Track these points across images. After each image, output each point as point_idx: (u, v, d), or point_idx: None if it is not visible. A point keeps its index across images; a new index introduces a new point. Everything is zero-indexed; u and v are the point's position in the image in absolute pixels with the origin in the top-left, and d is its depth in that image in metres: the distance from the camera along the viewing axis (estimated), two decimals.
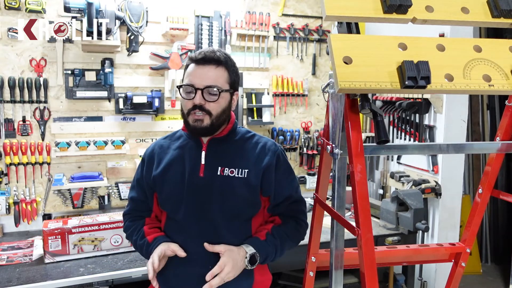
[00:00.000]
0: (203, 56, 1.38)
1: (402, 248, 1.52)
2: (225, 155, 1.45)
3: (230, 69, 1.43)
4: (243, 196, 1.42)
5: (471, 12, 1.11)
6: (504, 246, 4.13)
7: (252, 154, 1.46)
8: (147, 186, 1.51)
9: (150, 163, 1.52)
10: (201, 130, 1.40)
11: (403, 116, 3.09)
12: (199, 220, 1.43)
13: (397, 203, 2.67)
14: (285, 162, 1.52)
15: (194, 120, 1.39)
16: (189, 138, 1.49)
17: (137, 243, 1.51)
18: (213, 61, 1.38)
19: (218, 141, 1.46)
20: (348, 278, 2.81)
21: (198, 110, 1.37)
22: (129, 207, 1.59)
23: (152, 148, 1.55)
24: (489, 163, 1.40)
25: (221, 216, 1.42)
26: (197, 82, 1.37)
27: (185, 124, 1.45)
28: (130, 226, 1.56)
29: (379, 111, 1.07)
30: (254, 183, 1.43)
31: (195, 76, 1.38)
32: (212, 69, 1.38)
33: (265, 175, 1.44)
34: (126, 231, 1.59)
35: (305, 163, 3.32)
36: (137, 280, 2.13)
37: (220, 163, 1.44)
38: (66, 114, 2.70)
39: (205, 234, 1.42)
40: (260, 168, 1.44)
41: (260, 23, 3.10)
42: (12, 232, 2.61)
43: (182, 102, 1.42)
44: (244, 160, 1.45)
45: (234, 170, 1.43)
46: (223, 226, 1.42)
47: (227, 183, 1.42)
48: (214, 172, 1.43)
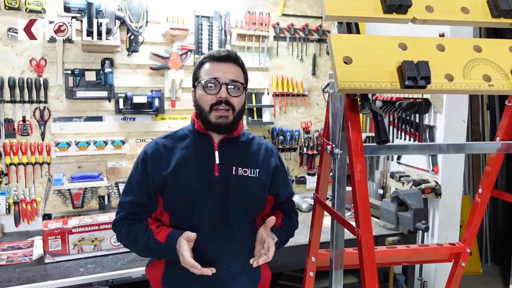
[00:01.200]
0: (227, 54, 1.42)
1: (402, 248, 1.51)
2: (237, 155, 1.47)
3: (244, 68, 1.48)
4: (255, 195, 1.47)
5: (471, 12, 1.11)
6: (504, 246, 4.13)
7: (259, 155, 1.51)
8: (153, 186, 1.43)
9: (155, 162, 1.44)
10: (226, 126, 1.41)
11: (403, 116, 3.09)
12: (213, 219, 1.42)
13: (397, 203, 2.67)
14: (283, 162, 1.62)
15: (218, 116, 1.39)
16: (199, 138, 1.47)
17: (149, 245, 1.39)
18: (234, 59, 1.43)
19: (229, 141, 1.48)
20: (348, 278, 2.81)
21: (223, 105, 1.38)
22: (124, 212, 1.46)
23: (154, 147, 1.47)
24: (489, 163, 1.40)
25: (236, 215, 1.44)
26: (221, 76, 1.39)
27: (204, 122, 1.43)
28: (130, 230, 1.43)
29: (379, 111, 1.07)
30: (265, 183, 1.49)
31: (217, 71, 1.40)
32: (233, 66, 1.43)
33: (274, 175, 1.52)
34: (125, 237, 1.45)
35: (305, 163, 3.32)
36: (137, 280, 2.13)
37: (233, 162, 1.46)
38: (66, 114, 2.70)
39: (220, 233, 1.42)
40: (270, 169, 1.51)
41: (260, 23, 3.10)
42: (12, 232, 2.61)
43: (202, 99, 1.40)
44: (254, 160, 1.49)
45: (247, 169, 1.46)
46: (236, 224, 1.44)
47: (242, 182, 1.45)
48: (229, 171, 1.44)
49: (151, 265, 1.53)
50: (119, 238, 1.48)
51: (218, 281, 1.42)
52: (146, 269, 1.55)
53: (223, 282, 1.43)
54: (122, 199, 1.48)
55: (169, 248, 1.37)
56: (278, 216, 1.54)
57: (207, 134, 1.47)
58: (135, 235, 1.42)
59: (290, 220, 1.58)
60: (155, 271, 1.49)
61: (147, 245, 1.40)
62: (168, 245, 1.37)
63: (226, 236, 1.43)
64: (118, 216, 1.47)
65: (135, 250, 1.47)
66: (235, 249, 1.43)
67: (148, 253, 1.43)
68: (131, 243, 1.45)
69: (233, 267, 1.44)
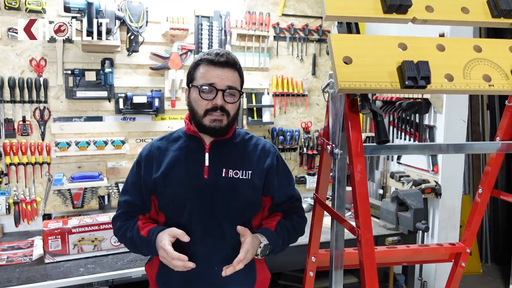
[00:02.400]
0: (225, 60, 1.39)
1: (402, 248, 1.52)
2: (228, 157, 1.46)
3: (241, 72, 1.46)
4: (247, 197, 1.45)
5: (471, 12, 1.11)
6: (504, 246, 4.13)
7: (254, 156, 1.49)
8: (146, 189, 1.46)
9: (148, 165, 1.47)
10: (220, 130, 1.40)
11: (403, 116, 3.09)
12: (204, 222, 1.42)
13: (397, 203, 2.67)
14: (283, 162, 1.58)
15: (212, 120, 1.38)
16: (190, 140, 1.48)
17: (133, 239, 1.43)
18: (231, 64, 1.40)
19: (220, 143, 1.46)
20: (348, 278, 2.80)
21: (218, 111, 1.37)
22: (120, 210, 1.52)
23: (149, 149, 1.50)
24: (489, 163, 1.40)
25: (226, 217, 1.42)
26: (218, 82, 1.37)
27: (198, 125, 1.42)
28: (121, 226, 1.49)
29: (379, 111, 1.07)
30: (257, 184, 1.46)
31: (214, 76, 1.38)
32: (231, 71, 1.40)
33: (267, 176, 1.48)
34: (117, 232, 1.51)
35: (305, 163, 3.32)
36: (137, 280, 2.13)
37: (224, 164, 1.44)
38: (66, 114, 2.70)
39: (210, 235, 1.42)
40: (263, 170, 1.47)
41: (260, 23, 3.10)
42: (12, 232, 2.61)
43: (197, 102, 1.40)
44: (247, 161, 1.47)
45: (239, 171, 1.44)
46: (227, 227, 1.42)
47: (232, 184, 1.43)
48: (218, 173, 1.43)
49: (149, 263, 1.55)
50: (114, 233, 1.55)
51: (210, 282, 1.41)
52: (145, 267, 1.57)
53: (214, 283, 1.42)
54: (120, 198, 1.55)
55: (149, 243, 1.38)
56: (274, 219, 1.50)
57: (198, 136, 1.46)
58: (125, 230, 1.47)
59: (289, 222, 1.51)
60: (152, 269, 1.51)
61: (132, 240, 1.44)
62: (148, 240, 1.39)
63: (218, 238, 1.42)
64: (116, 213, 1.54)
65: (125, 245, 1.51)
66: (227, 251, 1.41)
67: (134, 247, 1.47)
68: (122, 238, 1.50)
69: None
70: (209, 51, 1.42)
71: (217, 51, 1.41)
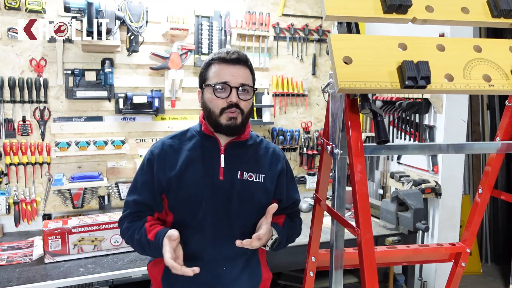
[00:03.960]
0: (237, 56, 1.39)
1: (402, 248, 1.52)
2: (243, 159, 1.46)
3: (252, 69, 1.47)
4: (260, 200, 1.45)
5: (471, 12, 1.11)
6: (504, 246, 4.14)
7: (265, 160, 1.50)
8: (159, 188, 1.43)
9: (161, 163, 1.43)
10: (236, 127, 1.39)
11: (403, 116, 3.09)
12: (216, 223, 1.42)
13: (397, 203, 2.67)
14: (290, 167, 1.59)
15: (229, 118, 1.38)
16: (205, 140, 1.46)
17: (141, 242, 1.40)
18: (243, 61, 1.41)
19: (235, 145, 1.46)
20: (348, 278, 2.80)
21: (233, 108, 1.37)
22: (128, 210, 1.47)
23: (161, 148, 1.46)
24: (489, 163, 1.40)
25: (239, 219, 1.43)
26: (231, 80, 1.37)
27: (214, 125, 1.41)
28: (129, 227, 1.44)
29: (379, 111, 1.07)
30: (269, 188, 1.48)
31: (227, 74, 1.38)
32: (242, 68, 1.41)
33: (278, 180, 1.50)
34: (124, 234, 1.47)
35: (305, 163, 3.31)
36: (137, 280, 2.13)
37: (239, 167, 1.44)
38: (66, 114, 2.70)
39: (221, 236, 1.42)
40: (275, 174, 1.49)
41: (260, 23, 3.10)
42: (12, 232, 2.61)
43: (212, 102, 1.39)
44: (260, 165, 1.48)
45: (253, 174, 1.45)
46: (238, 228, 1.42)
47: (247, 187, 1.43)
48: (234, 175, 1.43)
49: (152, 263, 1.54)
50: (121, 234, 1.50)
51: (217, 282, 1.42)
52: (148, 267, 1.56)
53: (222, 283, 1.43)
54: (127, 198, 1.50)
55: (157, 247, 1.35)
56: (281, 217, 1.52)
57: (214, 136, 1.45)
58: (133, 232, 1.43)
59: (292, 223, 1.55)
60: (156, 269, 1.50)
61: (140, 243, 1.41)
62: (155, 244, 1.36)
63: (227, 239, 1.41)
64: (123, 214, 1.49)
65: (133, 247, 1.47)
66: (235, 252, 1.41)
67: (142, 250, 1.44)
68: (129, 240, 1.46)
69: (233, 269, 1.44)
70: (219, 51, 1.42)
71: (227, 49, 1.42)
